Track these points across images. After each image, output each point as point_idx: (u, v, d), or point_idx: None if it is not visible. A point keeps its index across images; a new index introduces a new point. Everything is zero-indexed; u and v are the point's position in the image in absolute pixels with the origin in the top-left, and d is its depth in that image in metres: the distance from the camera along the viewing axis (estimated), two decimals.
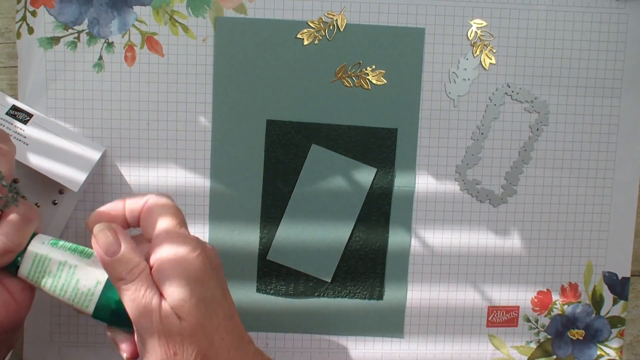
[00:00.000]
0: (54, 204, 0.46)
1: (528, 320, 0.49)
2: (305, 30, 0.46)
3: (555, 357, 0.50)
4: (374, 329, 0.49)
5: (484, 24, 0.46)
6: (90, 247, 0.36)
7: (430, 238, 0.48)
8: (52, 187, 0.45)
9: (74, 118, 0.46)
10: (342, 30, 0.46)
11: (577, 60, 0.47)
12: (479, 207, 0.48)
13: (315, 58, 0.46)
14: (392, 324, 0.49)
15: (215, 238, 0.47)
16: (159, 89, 0.46)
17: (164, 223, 0.36)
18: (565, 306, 0.49)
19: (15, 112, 0.44)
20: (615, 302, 0.49)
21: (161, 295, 0.34)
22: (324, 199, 0.47)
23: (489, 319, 0.49)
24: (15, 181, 0.39)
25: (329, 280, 0.48)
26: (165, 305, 0.33)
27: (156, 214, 0.37)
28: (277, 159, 0.47)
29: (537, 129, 0.47)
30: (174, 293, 0.33)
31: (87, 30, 0.45)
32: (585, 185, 0.48)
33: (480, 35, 0.46)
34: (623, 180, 0.48)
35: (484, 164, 0.48)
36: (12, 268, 0.36)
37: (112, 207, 0.38)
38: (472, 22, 0.46)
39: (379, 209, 0.47)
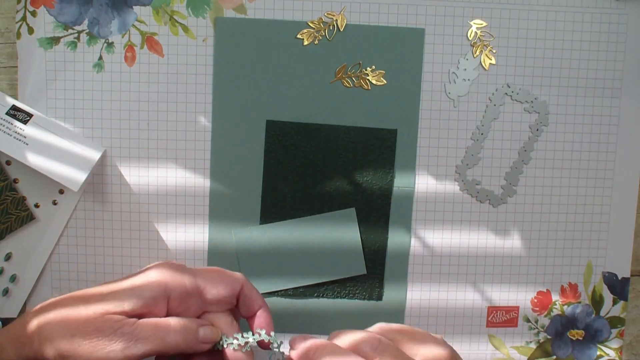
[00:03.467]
0: (54, 204, 0.46)
1: (528, 321, 0.49)
2: (305, 31, 0.46)
3: (555, 357, 0.50)
4: None
5: (484, 24, 0.46)
6: None
7: (430, 238, 0.48)
8: (52, 187, 0.45)
9: (74, 118, 0.46)
10: (342, 30, 0.46)
11: (577, 60, 0.47)
12: (478, 207, 0.48)
13: (315, 58, 0.46)
14: None
15: (215, 238, 0.47)
16: (159, 89, 0.46)
17: None
18: (565, 306, 0.49)
19: (15, 112, 0.44)
20: (615, 303, 0.49)
21: None
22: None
23: (489, 319, 0.49)
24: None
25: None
26: None
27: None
28: (277, 159, 0.47)
29: (537, 129, 0.47)
30: None
31: (87, 30, 0.45)
32: (585, 185, 0.48)
33: (480, 35, 0.46)
34: (623, 180, 0.48)
35: (484, 164, 0.48)
36: None
37: None
38: (472, 23, 0.46)
39: (378, 209, 0.47)
